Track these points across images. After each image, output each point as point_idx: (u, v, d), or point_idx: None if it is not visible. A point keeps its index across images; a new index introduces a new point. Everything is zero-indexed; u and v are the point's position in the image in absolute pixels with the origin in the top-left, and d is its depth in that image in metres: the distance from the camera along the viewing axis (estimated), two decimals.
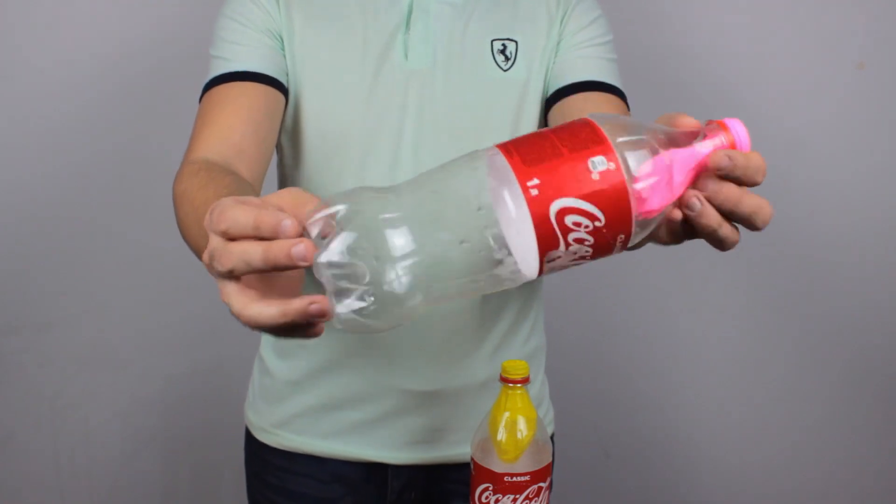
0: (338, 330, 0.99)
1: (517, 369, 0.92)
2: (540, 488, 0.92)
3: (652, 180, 0.60)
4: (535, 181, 0.59)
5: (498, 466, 0.91)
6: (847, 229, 1.80)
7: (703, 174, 0.63)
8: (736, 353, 1.89)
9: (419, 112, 1.07)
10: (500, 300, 1.13)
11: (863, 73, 1.74)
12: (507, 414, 0.92)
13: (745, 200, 0.64)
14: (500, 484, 0.91)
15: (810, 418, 1.88)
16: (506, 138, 1.06)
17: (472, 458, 0.94)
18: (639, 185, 0.60)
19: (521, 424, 0.92)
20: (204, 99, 1.04)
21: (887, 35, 1.73)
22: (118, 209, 1.82)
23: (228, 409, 1.71)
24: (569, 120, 0.72)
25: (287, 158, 1.14)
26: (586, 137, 0.61)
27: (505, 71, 1.08)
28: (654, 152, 0.61)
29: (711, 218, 0.64)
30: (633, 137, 0.61)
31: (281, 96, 1.05)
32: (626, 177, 0.60)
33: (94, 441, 1.88)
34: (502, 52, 1.09)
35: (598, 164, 0.60)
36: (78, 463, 1.88)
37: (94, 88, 1.77)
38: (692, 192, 0.63)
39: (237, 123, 0.99)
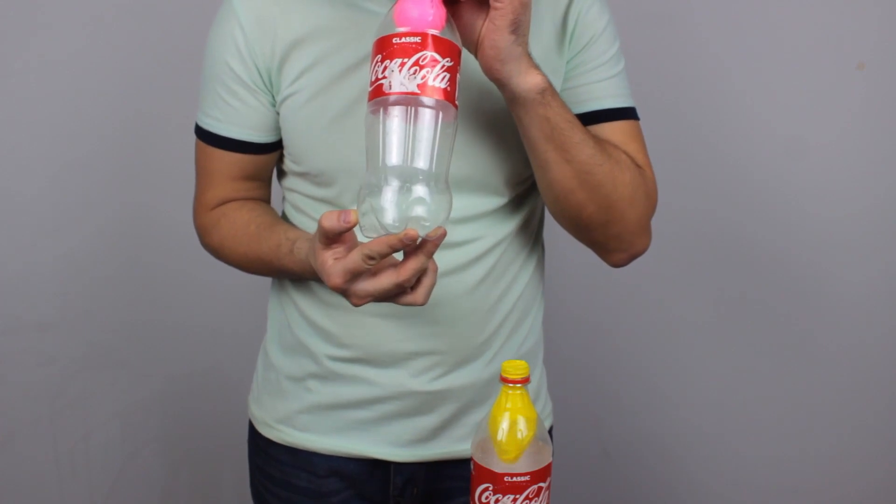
0: (342, 335, 1.02)
1: (517, 369, 0.92)
2: (540, 488, 0.92)
3: None
4: None
5: (498, 466, 0.91)
6: (847, 229, 1.80)
7: None
8: (737, 350, 1.89)
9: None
10: (504, 303, 1.13)
11: (863, 73, 1.74)
12: (507, 414, 0.92)
13: None
14: (500, 484, 0.91)
15: (810, 418, 1.88)
16: (515, 171, 1.07)
17: (472, 458, 0.94)
18: None
19: (521, 424, 0.92)
20: (199, 148, 1.14)
21: (887, 35, 1.73)
22: (119, 209, 1.83)
23: (228, 410, 1.71)
24: None
25: (289, 176, 1.15)
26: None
27: None
28: None
29: None
30: None
31: (269, 153, 1.12)
32: None
33: (94, 441, 1.88)
34: None
35: None
36: (78, 463, 1.88)
37: (100, 90, 1.77)
38: None
39: (233, 186, 1.14)
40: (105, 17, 1.75)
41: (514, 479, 0.91)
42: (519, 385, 0.92)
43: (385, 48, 0.83)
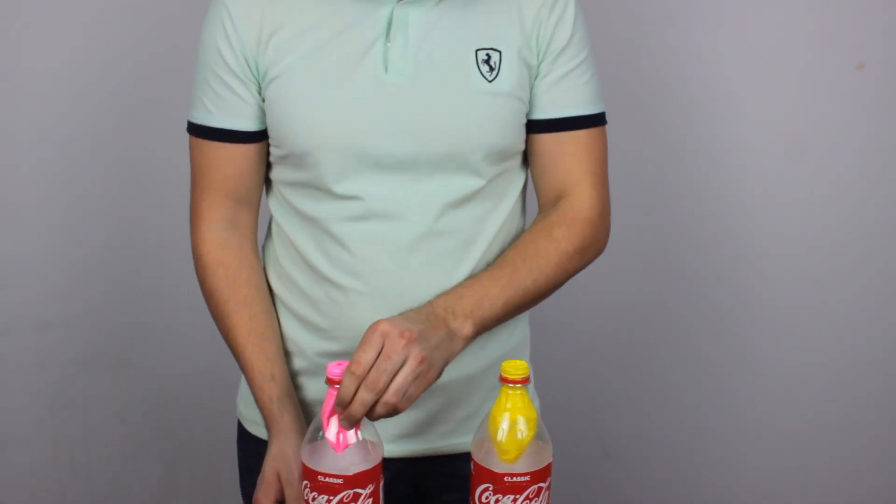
0: (330, 328, 1.16)
1: (517, 369, 0.92)
2: (540, 488, 0.92)
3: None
4: None
5: (498, 466, 0.92)
6: (847, 229, 1.80)
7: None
8: (737, 349, 1.89)
9: (400, 125, 1.06)
10: None
11: (863, 73, 1.74)
12: (507, 414, 0.92)
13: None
14: (500, 484, 0.91)
15: (811, 418, 1.88)
16: (493, 150, 1.09)
17: (472, 458, 0.94)
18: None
19: (522, 424, 0.92)
20: (194, 145, 1.15)
21: (887, 35, 1.73)
22: (119, 209, 1.83)
23: (228, 410, 1.70)
24: (543, 159, 1.13)
25: (273, 166, 1.16)
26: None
27: (490, 82, 1.08)
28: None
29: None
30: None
31: (261, 143, 1.13)
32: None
33: (94, 441, 1.88)
34: (486, 62, 1.08)
35: None
36: (78, 463, 1.88)
37: (97, 89, 1.77)
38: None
39: (229, 186, 1.15)
40: (105, 19, 1.75)
41: (514, 479, 0.91)
42: (519, 385, 0.92)
43: (312, 479, 0.93)
